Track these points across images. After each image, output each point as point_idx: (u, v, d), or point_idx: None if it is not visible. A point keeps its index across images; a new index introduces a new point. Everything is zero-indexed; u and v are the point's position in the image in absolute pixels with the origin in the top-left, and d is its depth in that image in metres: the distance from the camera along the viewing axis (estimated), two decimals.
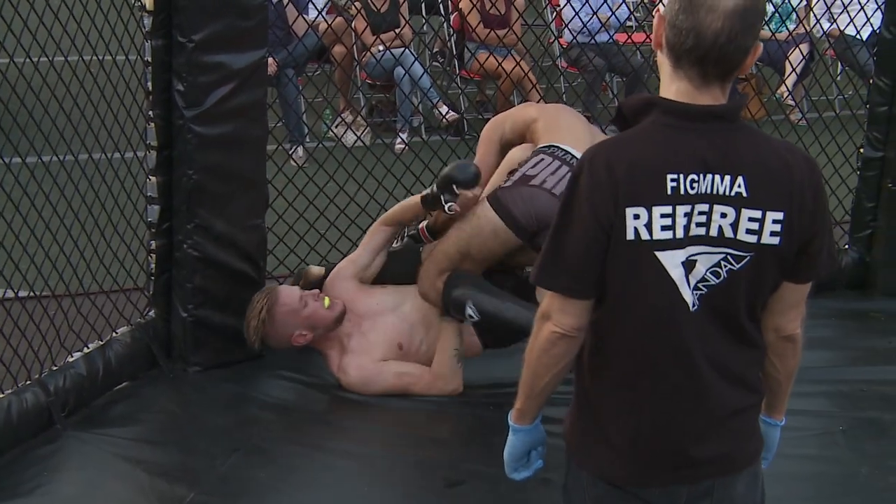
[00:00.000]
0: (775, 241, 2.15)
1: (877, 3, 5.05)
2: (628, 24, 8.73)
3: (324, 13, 7.89)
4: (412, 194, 5.05)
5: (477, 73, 8.39)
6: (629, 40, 7.38)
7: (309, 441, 3.94)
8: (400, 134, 7.67)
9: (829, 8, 6.66)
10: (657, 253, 2.13)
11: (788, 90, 7.88)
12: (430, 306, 4.16)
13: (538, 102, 5.50)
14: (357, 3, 7.92)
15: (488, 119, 8.17)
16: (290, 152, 5.21)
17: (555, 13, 8.74)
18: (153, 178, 4.19)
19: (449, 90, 8.47)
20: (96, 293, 4.31)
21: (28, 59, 3.85)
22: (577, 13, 6.19)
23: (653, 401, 2.24)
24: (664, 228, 2.12)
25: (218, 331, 4.30)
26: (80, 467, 3.70)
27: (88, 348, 4.12)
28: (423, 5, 8.88)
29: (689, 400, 2.23)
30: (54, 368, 3.96)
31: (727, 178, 2.12)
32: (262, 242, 4.37)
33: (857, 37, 6.63)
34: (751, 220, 2.13)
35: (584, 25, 6.19)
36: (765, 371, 2.35)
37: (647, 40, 8.47)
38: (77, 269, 4.16)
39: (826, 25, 7.78)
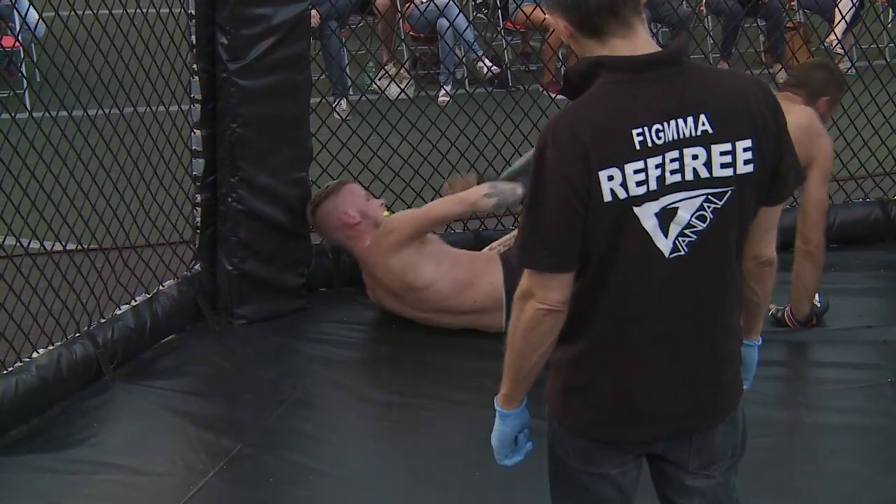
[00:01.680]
0: (750, 168, 2.14)
1: None
2: None
3: None
4: (455, 147, 5.05)
5: (521, 24, 8.34)
6: None
7: (354, 392, 3.98)
8: (444, 87, 7.64)
9: None
10: (635, 209, 2.12)
11: (837, 38, 7.76)
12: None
13: None
14: None
15: (532, 71, 8.19)
16: (334, 105, 5.20)
17: None
18: (198, 132, 4.21)
19: (493, 42, 8.41)
20: (143, 246, 4.35)
21: (73, 13, 3.86)
22: None
23: (634, 358, 2.23)
24: (639, 184, 2.10)
25: (263, 284, 4.33)
26: (128, 419, 3.76)
27: (136, 301, 4.16)
28: None
29: (670, 355, 2.23)
30: (102, 321, 4.01)
31: (690, 119, 2.11)
32: (305, 196, 4.38)
33: None
34: (722, 153, 2.13)
35: None
36: (745, 296, 2.35)
37: None
38: (124, 223, 4.19)
39: None
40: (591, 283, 2.18)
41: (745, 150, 2.13)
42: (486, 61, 7.92)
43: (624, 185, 2.10)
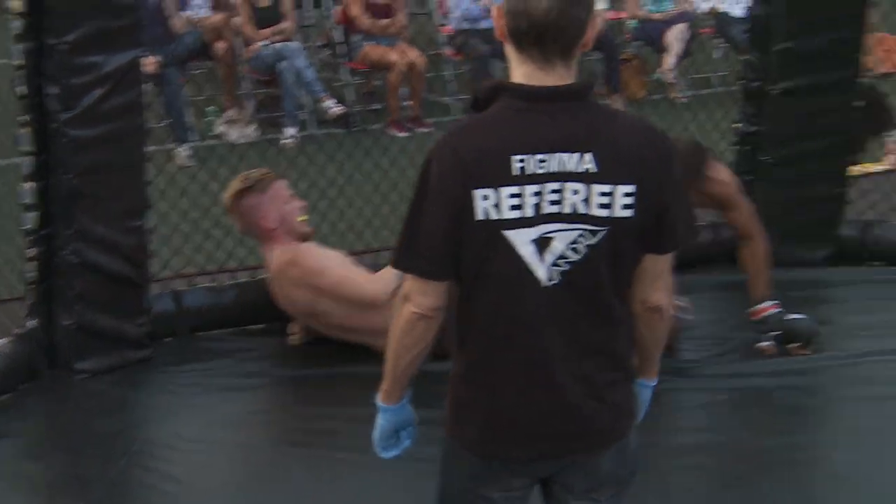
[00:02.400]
0: (628, 213, 2.19)
1: None
2: None
3: (206, 10, 7.83)
4: (296, 188, 5.06)
5: (363, 63, 8.41)
6: None
7: (201, 442, 3.90)
8: (287, 129, 7.64)
9: None
10: (506, 232, 2.18)
11: (669, 69, 8.01)
12: None
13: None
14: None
15: (376, 110, 8.24)
16: (175, 152, 5.15)
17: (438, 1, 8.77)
18: (28, 184, 4.12)
19: (335, 83, 8.45)
20: None
21: None
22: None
23: (508, 377, 2.28)
24: (513, 208, 2.17)
25: (102, 336, 4.25)
26: None
27: None
28: None
29: (543, 377, 2.27)
30: None
31: (575, 155, 2.16)
32: (142, 245, 4.31)
33: (734, 14, 6.82)
34: (602, 194, 2.17)
35: (466, 13, 6.26)
36: (636, 339, 2.40)
37: None
38: None
39: (704, 4, 7.97)
40: (467, 299, 2.26)
41: (626, 195, 2.17)
42: (331, 101, 7.95)
43: (497, 206, 2.16)
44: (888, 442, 3.76)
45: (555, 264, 2.20)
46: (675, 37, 8.23)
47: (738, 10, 7.44)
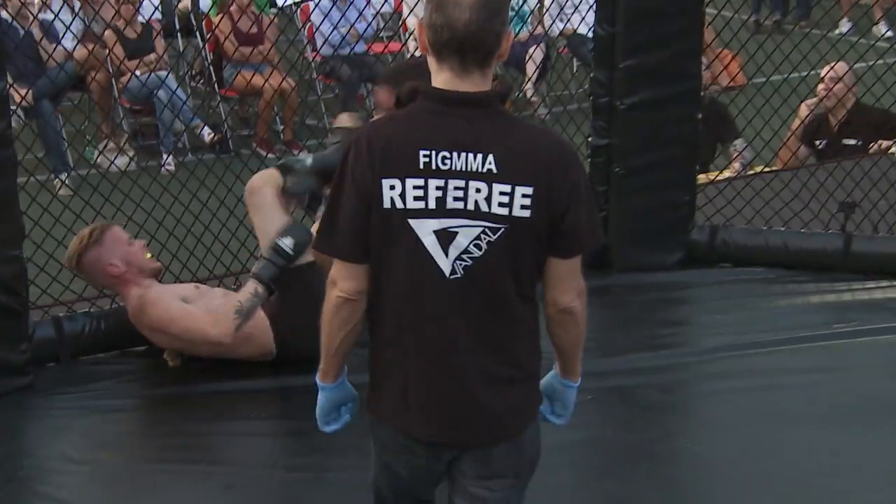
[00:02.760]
0: (526, 213, 2.36)
1: (588, 3, 5.36)
2: (383, 34, 9.03)
3: (76, 42, 7.88)
4: (173, 216, 5.14)
5: (236, 90, 8.55)
6: (386, 49, 7.66)
7: (88, 464, 3.95)
8: (166, 156, 7.74)
9: (562, 9, 7.12)
10: (410, 221, 2.37)
11: (531, 88, 8.28)
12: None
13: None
14: (110, 32, 7.95)
15: (249, 135, 8.38)
16: (49, 182, 5.19)
17: (304, 27, 8.93)
18: None
19: (210, 110, 8.57)
20: None
21: None
22: (318, 28, 6.39)
23: (414, 360, 2.46)
24: (417, 199, 2.35)
25: None
26: None
27: None
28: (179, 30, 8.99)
29: (449, 368, 2.45)
30: None
31: (479, 156, 2.35)
32: (20, 273, 4.31)
33: (587, 34, 7.07)
34: (501, 193, 2.35)
35: (326, 39, 6.39)
36: (553, 340, 2.57)
37: (403, 49, 8.79)
38: None
39: (559, 25, 8.29)
40: (377, 285, 2.43)
41: (525, 196, 2.34)
42: (206, 129, 8.08)
43: (402, 196, 2.34)
44: (741, 434, 3.96)
45: (458, 259, 2.38)
46: (532, 58, 8.57)
47: (587, 30, 7.75)
